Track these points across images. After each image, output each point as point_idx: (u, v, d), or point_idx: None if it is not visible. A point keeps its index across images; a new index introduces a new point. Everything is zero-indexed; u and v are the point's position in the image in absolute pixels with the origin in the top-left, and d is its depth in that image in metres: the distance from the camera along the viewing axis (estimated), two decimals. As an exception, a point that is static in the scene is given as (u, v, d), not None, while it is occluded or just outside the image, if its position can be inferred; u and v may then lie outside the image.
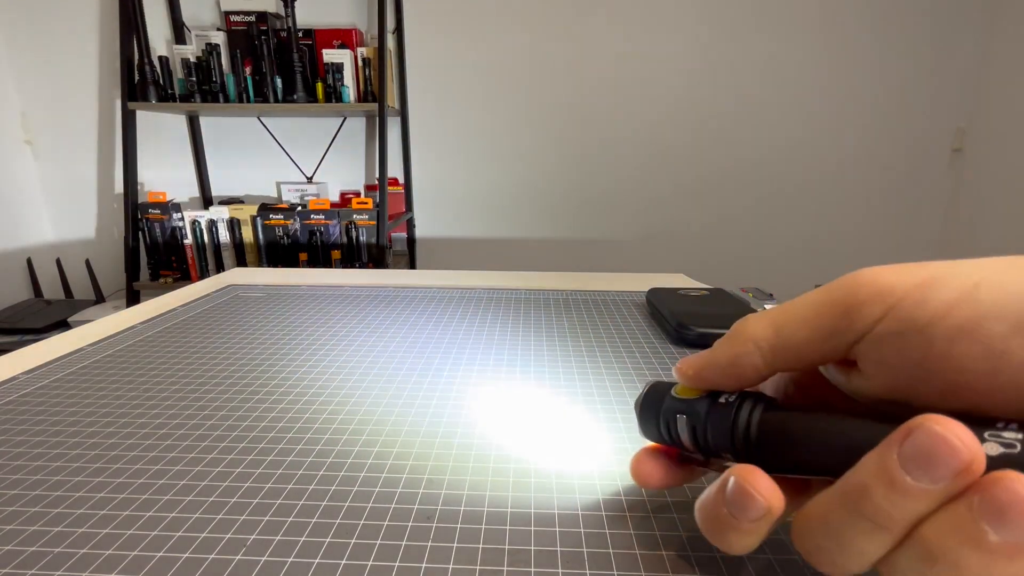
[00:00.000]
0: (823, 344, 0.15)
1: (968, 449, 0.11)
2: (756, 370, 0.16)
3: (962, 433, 0.11)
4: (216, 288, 0.54)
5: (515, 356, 0.36)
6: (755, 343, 0.16)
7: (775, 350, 0.16)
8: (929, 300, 0.13)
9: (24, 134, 1.86)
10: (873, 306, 0.14)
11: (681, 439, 0.18)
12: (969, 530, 0.11)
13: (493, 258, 1.98)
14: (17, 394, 0.30)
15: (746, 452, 0.16)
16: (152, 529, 0.19)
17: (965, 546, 0.11)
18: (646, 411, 0.19)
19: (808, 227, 1.93)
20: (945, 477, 0.11)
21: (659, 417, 0.18)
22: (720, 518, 0.15)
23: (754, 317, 0.16)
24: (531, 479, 0.22)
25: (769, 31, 1.75)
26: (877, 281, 0.14)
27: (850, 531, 0.12)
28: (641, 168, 1.89)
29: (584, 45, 1.77)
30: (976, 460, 0.11)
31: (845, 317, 0.14)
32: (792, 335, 0.15)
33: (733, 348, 0.16)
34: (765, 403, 0.16)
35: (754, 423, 0.16)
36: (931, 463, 0.11)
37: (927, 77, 1.78)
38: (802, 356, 0.15)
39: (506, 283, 0.57)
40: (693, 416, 0.17)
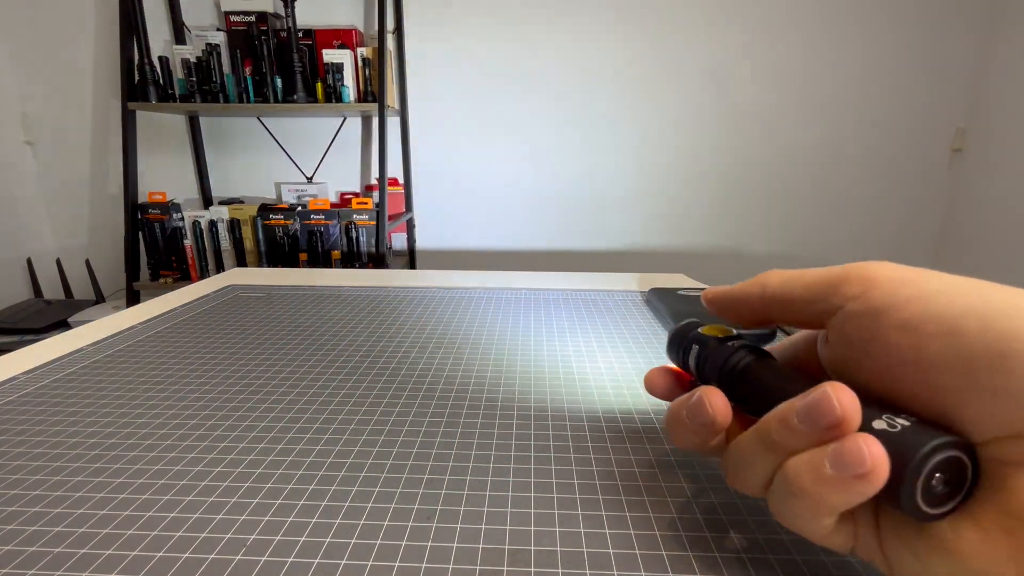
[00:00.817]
0: (807, 306, 0.18)
1: (841, 410, 0.14)
2: (751, 308, 0.20)
3: (845, 399, 0.14)
4: (216, 288, 0.54)
5: (515, 356, 0.36)
6: (763, 286, 0.19)
7: (773, 296, 0.19)
8: (896, 293, 0.15)
9: (24, 134, 1.86)
10: (853, 286, 0.16)
11: (689, 364, 0.21)
12: (816, 463, 0.14)
13: (493, 258, 1.98)
14: (17, 394, 0.30)
15: (726, 385, 0.19)
16: (152, 529, 0.19)
17: (808, 472, 0.14)
18: (674, 337, 0.23)
19: (808, 227, 1.93)
20: (819, 426, 0.14)
21: (680, 344, 0.22)
22: (679, 418, 0.19)
23: (776, 271, 0.20)
24: (531, 479, 0.22)
25: (769, 32, 1.75)
26: (870, 269, 0.16)
27: (751, 451, 0.16)
28: (641, 168, 1.89)
29: (585, 45, 1.77)
30: (846, 421, 0.14)
31: (830, 289, 0.17)
32: (790, 291, 0.18)
33: (747, 285, 0.20)
34: (756, 355, 0.19)
35: (739, 365, 0.19)
36: (814, 414, 0.14)
37: (927, 77, 1.78)
38: (789, 310, 0.18)
39: (506, 283, 0.57)
40: (703, 347, 0.21)
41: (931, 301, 0.14)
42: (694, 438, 0.19)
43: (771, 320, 0.20)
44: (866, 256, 1.95)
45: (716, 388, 0.18)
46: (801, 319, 0.18)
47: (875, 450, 0.13)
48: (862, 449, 0.13)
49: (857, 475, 0.13)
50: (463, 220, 1.95)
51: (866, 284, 0.16)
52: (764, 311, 0.19)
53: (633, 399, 0.30)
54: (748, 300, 0.20)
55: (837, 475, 0.13)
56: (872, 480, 0.13)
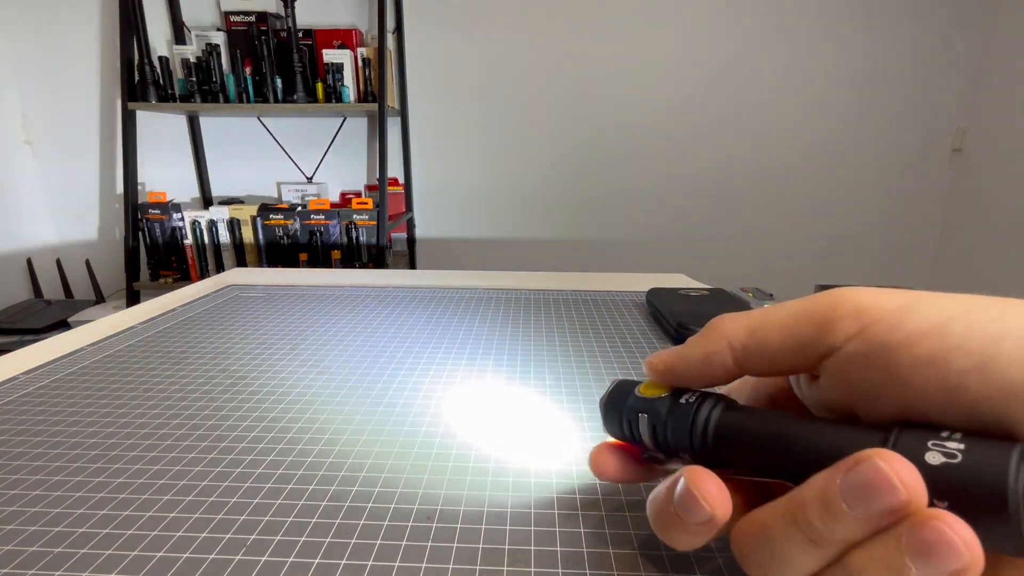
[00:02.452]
0: (794, 354, 0.15)
1: (906, 490, 0.11)
2: (726, 369, 0.16)
3: (904, 473, 0.11)
4: (216, 288, 0.54)
5: (515, 356, 0.36)
6: (728, 342, 0.16)
7: (747, 351, 0.16)
8: (901, 326, 0.13)
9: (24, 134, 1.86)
10: (848, 323, 0.14)
11: (642, 437, 0.18)
12: (894, 563, 0.11)
13: (493, 258, 1.98)
14: (17, 394, 0.30)
15: (703, 452, 0.16)
16: (152, 529, 0.19)
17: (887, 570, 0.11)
18: (610, 408, 0.19)
19: (808, 227, 1.93)
20: (879, 512, 0.11)
21: (622, 415, 0.18)
22: (667, 516, 0.15)
23: (730, 316, 0.17)
24: (531, 479, 0.22)
25: (769, 32, 1.75)
26: (856, 301, 0.14)
27: (785, 542, 0.13)
28: (641, 168, 1.89)
29: (585, 45, 1.77)
30: (913, 501, 0.11)
31: (820, 330, 0.14)
32: (766, 340, 0.15)
33: (706, 346, 0.16)
34: (725, 404, 0.16)
35: (712, 422, 0.16)
36: (869, 497, 0.11)
37: (927, 77, 1.78)
38: (773, 362, 0.16)
39: (506, 283, 0.57)
40: (654, 415, 0.17)
41: (947, 331, 0.13)
42: (695, 539, 0.15)
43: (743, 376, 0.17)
44: (866, 255, 1.95)
45: (699, 468, 0.15)
46: (784, 369, 0.16)
47: (966, 535, 0.11)
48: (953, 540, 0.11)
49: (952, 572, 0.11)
50: (463, 220, 1.95)
51: (860, 318, 0.14)
52: (739, 369, 0.16)
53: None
54: (716, 360, 0.16)
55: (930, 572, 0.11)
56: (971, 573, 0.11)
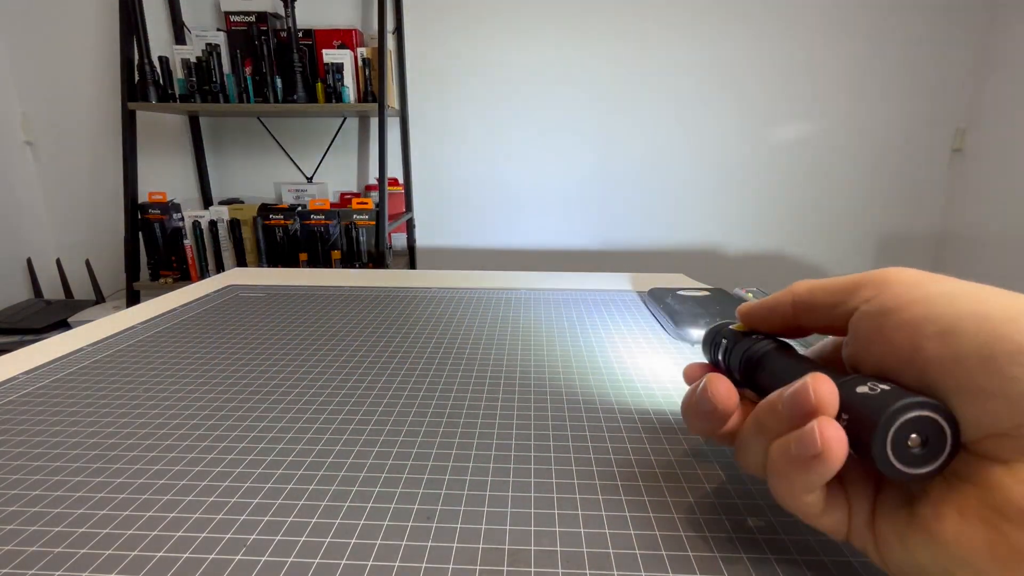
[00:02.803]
0: (830, 311, 0.19)
1: (815, 398, 0.15)
2: (783, 317, 0.21)
3: (821, 389, 0.15)
4: (216, 288, 0.54)
5: (515, 356, 0.36)
6: (793, 295, 0.20)
7: (803, 303, 0.20)
8: (904, 295, 0.16)
9: (24, 135, 1.86)
10: (869, 289, 0.17)
11: (719, 359, 0.23)
12: (786, 445, 0.15)
13: (493, 258, 1.98)
14: (17, 394, 0.30)
15: (742, 374, 0.21)
16: (152, 529, 0.19)
17: (780, 454, 0.16)
18: (708, 334, 0.25)
19: (809, 226, 1.93)
20: (797, 413, 0.15)
21: (714, 338, 0.24)
22: (690, 404, 0.20)
23: (804, 280, 0.21)
24: (531, 479, 0.22)
25: (769, 32, 1.75)
26: (885, 274, 0.17)
27: (750, 436, 0.18)
28: (641, 168, 1.89)
29: (584, 45, 1.77)
30: (820, 408, 0.15)
31: (850, 294, 0.18)
32: (817, 297, 0.19)
33: (778, 296, 0.21)
34: (775, 345, 0.20)
35: (758, 353, 0.20)
36: (794, 401, 0.16)
37: (927, 77, 1.78)
38: (817, 315, 0.19)
39: (506, 283, 0.57)
40: (730, 340, 0.22)
41: (934, 303, 0.15)
42: (704, 424, 0.20)
43: (801, 328, 0.21)
44: (866, 255, 1.95)
45: (721, 375, 0.20)
46: (826, 324, 0.19)
47: (829, 432, 0.14)
48: (814, 431, 0.14)
49: (812, 455, 0.14)
50: (463, 220, 1.95)
51: (880, 287, 0.17)
52: (794, 319, 0.20)
53: (633, 400, 0.30)
54: (779, 309, 0.21)
55: (798, 455, 0.15)
56: (827, 460, 0.14)
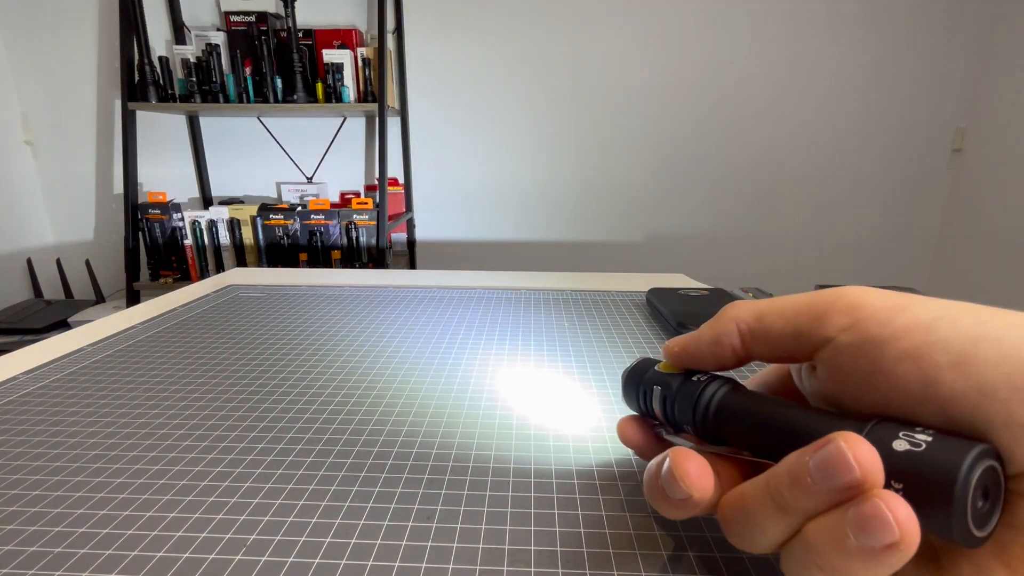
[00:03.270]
0: (793, 340, 0.16)
1: (861, 469, 0.12)
2: (734, 351, 0.18)
3: (862, 454, 0.12)
4: (216, 288, 0.54)
5: (515, 356, 0.36)
6: (737, 325, 0.18)
7: (753, 334, 0.17)
8: (891, 323, 0.14)
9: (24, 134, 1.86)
10: (843, 317, 0.15)
11: (653, 409, 0.19)
12: (838, 532, 0.12)
13: (493, 258, 1.98)
14: (17, 394, 0.30)
15: (704, 426, 0.17)
16: (152, 529, 0.19)
17: (832, 544, 0.12)
18: (630, 381, 0.21)
19: (808, 227, 1.93)
20: (836, 487, 0.12)
21: (639, 387, 0.20)
22: (655, 489, 0.17)
23: (740, 303, 0.18)
24: (531, 479, 0.22)
25: (769, 32, 1.75)
26: (853, 297, 0.15)
27: (759, 511, 0.14)
28: (641, 168, 1.89)
29: (584, 45, 1.77)
30: (867, 482, 0.12)
31: (817, 321, 0.16)
32: (771, 325, 0.17)
33: (717, 327, 0.18)
34: (731, 386, 0.18)
35: (715, 400, 0.17)
36: (829, 473, 0.12)
37: (927, 77, 1.78)
38: (774, 347, 0.17)
39: (506, 283, 0.57)
40: (666, 388, 0.19)
41: (933, 329, 0.13)
42: (679, 512, 0.16)
43: (750, 360, 0.18)
44: (866, 255, 1.95)
45: (687, 450, 0.16)
46: (783, 355, 0.17)
47: (902, 514, 0.11)
48: (886, 516, 0.11)
49: (885, 545, 0.11)
50: (463, 220, 1.95)
51: (854, 313, 0.15)
52: (746, 352, 0.18)
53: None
54: (726, 342, 0.18)
55: (862, 547, 0.12)
56: (904, 548, 0.11)
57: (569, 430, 0.26)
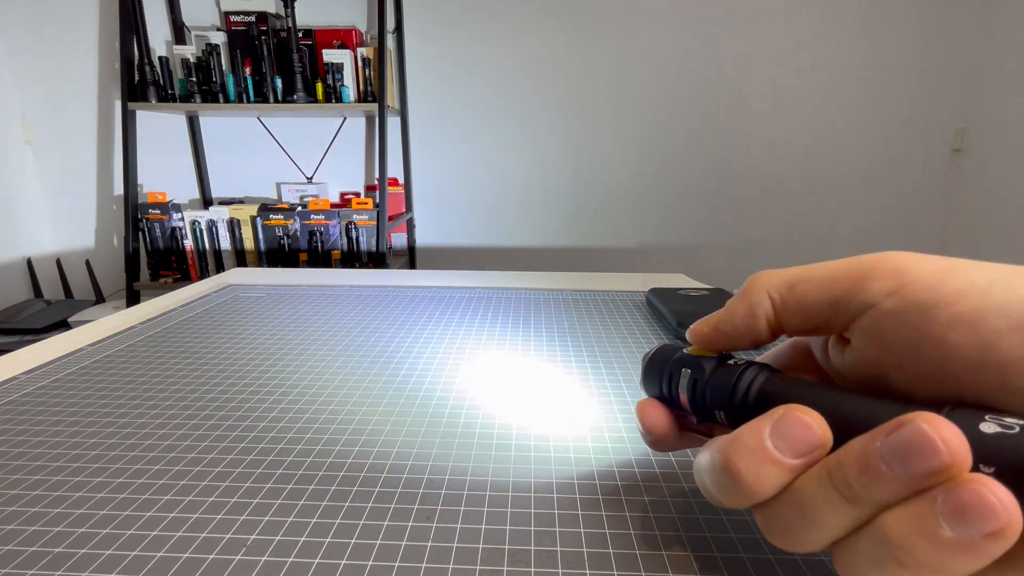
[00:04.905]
0: (829, 308, 0.15)
1: (949, 452, 0.11)
2: (769, 324, 0.16)
3: (949, 436, 0.11)
4: (216, 288, 0.54)
5: (515, 356, 0.36)
6: (768, 294, 0.16)
7: (786, 304, 0.16)
8: (940, 286, 0.13)
9: (24, 134, 1.86)
10: (885, 281, 0.14)
11: (679, 395, 0.18)
12: (928, 523, 0.11)
13: (493, 258, 1.98)
14: (17, 394, 0.30)
15: (741, 413, 0.16)
16: (152, 529, 0.19)
17: (920, 537, 0.11)
18: (652, 366, 0.19)
19: (808, 227, 1.93)
20: (920, 473, 0.11)
21: (663, 371, 0.18)
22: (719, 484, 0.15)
23: (767, 271, 0.17)
24: (531, 479, 0.22)
25: (769, 32, 1.75)
26: (896, 261, 0.14)
27: (819, 502, 0.13)
28: (641, 168, 1.89)
29: (584, 45, 1.77)
30: (955, 464, 0.11)
31: (856, 287, 0.14)
32: (805, 294, 0.15)
33: (749, 299, 0.17)
34: (770, 370, 0.16)
35: (756, 384, 0.16)
36: (910, 458, 0.11)
37: (927, 77, 1.78)
38: (809, 316, 0.16)
39: (506, 283, 0.57)
40: (698, 371, 0.17)
41: (989, 292, 0.12)
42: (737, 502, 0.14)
43: (781, 334, 0.17)
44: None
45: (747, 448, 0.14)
46: (818, 325, 0.16)
47: (1005, 497, 0.10)
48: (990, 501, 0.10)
49: (987, 533, 0.10)
50: (463, 220, 1.95)
51: (899, 277, 0.14)
52: (779, 325, 0.16)
53: (633, 400, 0.30)
54: (759, 315, 0.16)
55: (960, 538, 0.11)
56: (1008, 537, 0.10)
57: (569, 430, 0.26)
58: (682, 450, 0.18)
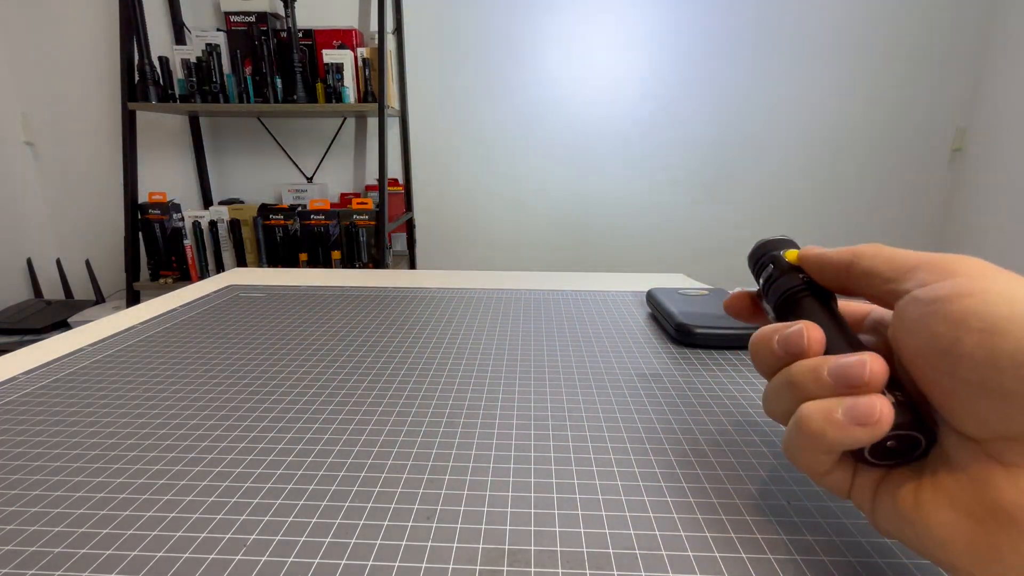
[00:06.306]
0: (883, 284, 0.18)
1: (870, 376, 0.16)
2: (837, 273, 0.21)
3: (877, 368, 0.16)
4: (216, 288, 0.54)
5: (515, 356, 0.36)
6: (854, 256, 0.20)
7: (860, 266, 0.20)
8: (960, 287, 0.15)
9: (24, 134, 1.86)
10: (930, 274, 0.17)
11: (760, 277, 0.24)
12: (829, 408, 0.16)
13: (493, 258, 1.98)
14: (17, 394, 0.30)
15: (782, 310, 0.22)
16: (152, 529, 0.19)
17: (820, 415, 0.16)
18: (757, 250, 0.25)
19: (808, 226, 1.93)
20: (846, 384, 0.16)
21: (763, 256, 0.24)
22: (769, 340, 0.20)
23: (873, 244, 0.20)
24: (531, 479, 0.22)
25: (769, 32, 1.75)
26: (952, 262, 0.17)
27: (781, 389, 0.18)
28: (641, 168, 1.89)
29: (584, 45, 1.77)
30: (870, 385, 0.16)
31: (909, 273, 0.17)
32: (875, 266, 0.19)
33: (842, 252, 0.20)
34: (817, 295, 0.21)
35: (797, 298, 0.21)
36: (847, 373, 0.16)
37: (927, 77, 1.78)
38: (869, 283, 0.19)
39: (506, 283, 0.57)
40: (777, 267, 0.22)
41: (987, 299, 0.14)
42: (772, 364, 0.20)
43: (853, 291, 0.20)
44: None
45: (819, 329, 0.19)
46: (874, 295, 0.19)
47: (887, 409, 0.15)
48: (874, 405, 0.15)
49: (861, 423, 0.15)
50: (463, 220, 1.95)
51: (940, 273, 0.16)
52: (849, 281, 0.20)
53: (633, 400, 0.30)
54: (837, 266, 0.20)
55: (845, 420, 0.16)
56: (872, 430, 0.15)
57: (569, 430, 0.26)
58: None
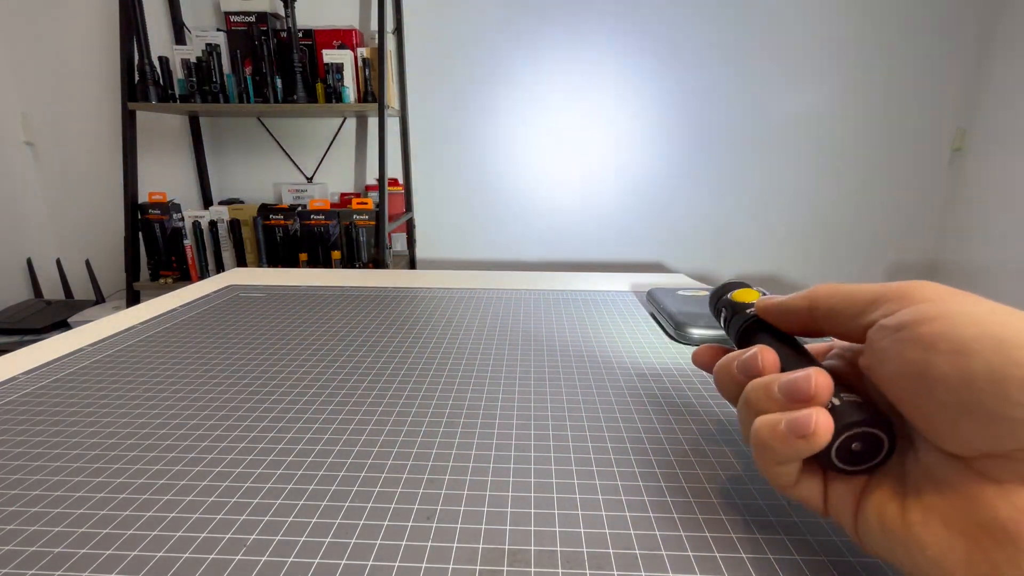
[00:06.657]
0: (850, 320, 0.19)
1: (814, 389, 0.17)
2: (800, 319, 0.21)
3: (821, 382, 0.17)
4: (216, 288, 0.54)
5: (515, 356, 0.36)
6: (811, 300, 0.21)
7: (822, 309, 0.20)
8: (923, 312, 0.16)
9: (24, 134, 1.86)
10: (893, 303, 0.17)
11: (720, 320, 0.26)
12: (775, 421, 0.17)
13: (493, 258, 1.98)
14: (17, 394, 0.31)
15: (739, 343, 0.24)
16: (152, 529, 0.19)
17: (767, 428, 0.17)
18: (711, 298, 0.28)
19: (808, 227, 1.93)
20: (792, 398, 0.17)
21: (720, 298, 0.27)
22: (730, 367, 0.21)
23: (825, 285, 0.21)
24: (531, 479, 0.22)
25: (768, 31, 1.75)
26: (911, 288, 0.17)
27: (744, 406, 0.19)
28: (642, 167, 1.89)
29: (584, 45, 1.77)
30: (814, 398, 0.17)
31: (871, 305, 0.18)
32: (836, 305, 0.19)
33: (796, 297, 0.21)
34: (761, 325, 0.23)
35: (751, 326, 0.23)
36: (793, 388, 0.17)
37: (927, 77, 1.78)
38: (835, 322, 0.20)
39: (506, 283, 0.57)
40: (730, 308, 0.25)
41: (953, 321, 0.15)
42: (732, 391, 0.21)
43: (819, 332, 0.21)
44: (866, 255, 1.95)
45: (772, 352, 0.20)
46: (843, 332, 0.19)
47: (823, 420, 0.16)
48: (811, 416, 0.16)
49: (800, 435, 0.16)
50: (463, 220, 1.95)
51: (901, 301, 0.17)
52: (813, 323, 0.21)
53: (633, 400, 0.30)
54: (798, 312, 0.21)
55: (787, 432, 0.16)
56: (811, 441, 0.16)
57: (569, 430, 0.27)
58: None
